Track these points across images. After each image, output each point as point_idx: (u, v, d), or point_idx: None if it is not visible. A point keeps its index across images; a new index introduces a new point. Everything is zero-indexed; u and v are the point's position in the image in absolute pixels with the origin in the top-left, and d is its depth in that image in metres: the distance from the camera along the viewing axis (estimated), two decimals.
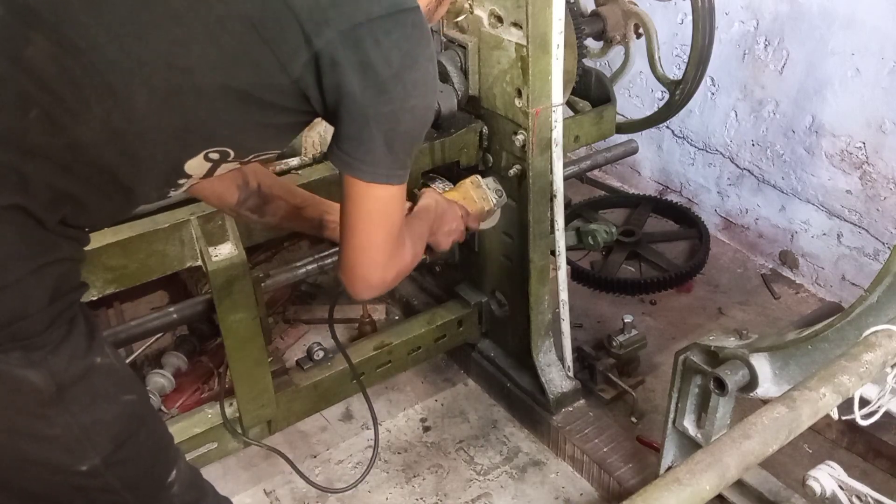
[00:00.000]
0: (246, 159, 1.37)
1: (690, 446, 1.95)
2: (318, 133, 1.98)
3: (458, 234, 1.86)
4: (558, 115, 2.05)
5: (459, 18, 2.06)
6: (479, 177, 2.06)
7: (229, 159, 1.31)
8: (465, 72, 2.11)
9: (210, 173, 1.33)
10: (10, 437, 1.16)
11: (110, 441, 1.23)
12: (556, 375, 2.39)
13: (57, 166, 1.11)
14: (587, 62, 2.39)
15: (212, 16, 1.16)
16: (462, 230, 1.87)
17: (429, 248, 1.78)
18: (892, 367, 1.41)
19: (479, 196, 2.02)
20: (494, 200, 2.05)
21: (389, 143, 1.28)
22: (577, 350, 2.49)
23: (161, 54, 1.14)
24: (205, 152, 1.26)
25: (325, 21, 1.18)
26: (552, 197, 2.17)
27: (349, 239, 1.37)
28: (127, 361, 2.56)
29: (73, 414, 1.18)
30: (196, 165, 1.28)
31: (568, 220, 2.56)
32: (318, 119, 1.33)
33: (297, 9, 1.18)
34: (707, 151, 3.35)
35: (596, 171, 3.69)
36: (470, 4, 2.03)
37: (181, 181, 1.33)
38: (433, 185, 2.13)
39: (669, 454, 2.03)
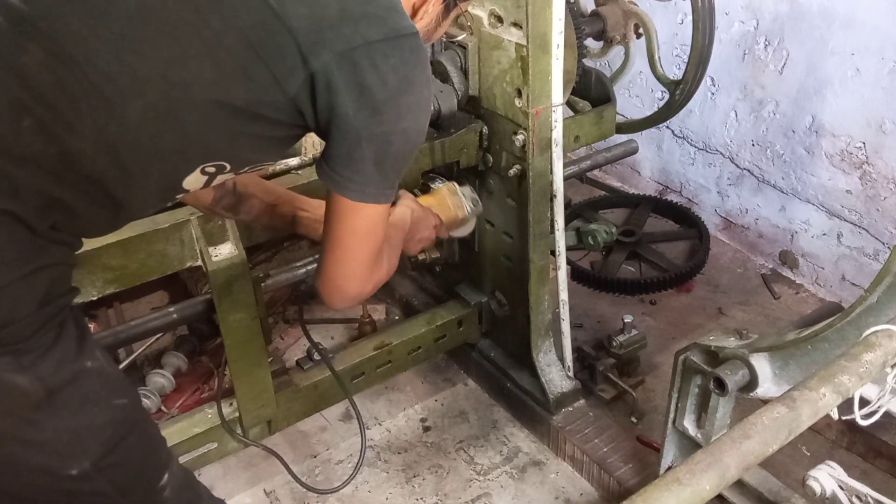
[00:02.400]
0: (242, 171, 1.38)
1: (690, 446, 1.95)
2: None
3: (428, 242, 1.89)
4: (558, 115, 2.05)
5: (460, 38, 2.06)
6: (455, 184, 2.06)
7: (225, 171, 1.31)
8: (465, 72, 2.11)
9: (207, 185, 1.33)
10: (0, 442, 1.16)
11: (100, 445, 1.23)
12: (556, 375, 2.39)
13: (48, 174, 1.11)
14: (587, 62, 2.39)
15: (209, 32, 1.16)
16: (433, 238, 1.90)
17: None
18: (892, 367, 1.40)
19: (455, 204, 2.03)
20: (469, 209, 2.05)
21: (379, 164, 1.29)
22: (577, 350, 2.49)
23: (157, 69, 1.14)
24: (202, 167, 1.26)
25: (322, 43, 1.19)
26: (552, 197, 2.17)
27: (331, 252, 1.38)
28: (127, 361, 2.57)
29: (63, 418, 1.18)
30: (194, 180, 1.28)
31: (568, 220, 2.56)
32: None
33: (295, 29, 1.18)
34: (707, 151, 3.35)
35: (596, 171, 3.69)
36: (470, 25, 2.03)
37: (179, 196, 1.34)
38: (433, 185, 2.13)
39: (669, 454, 2.03)
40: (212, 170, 1.28)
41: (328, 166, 1.30)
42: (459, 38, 2.05)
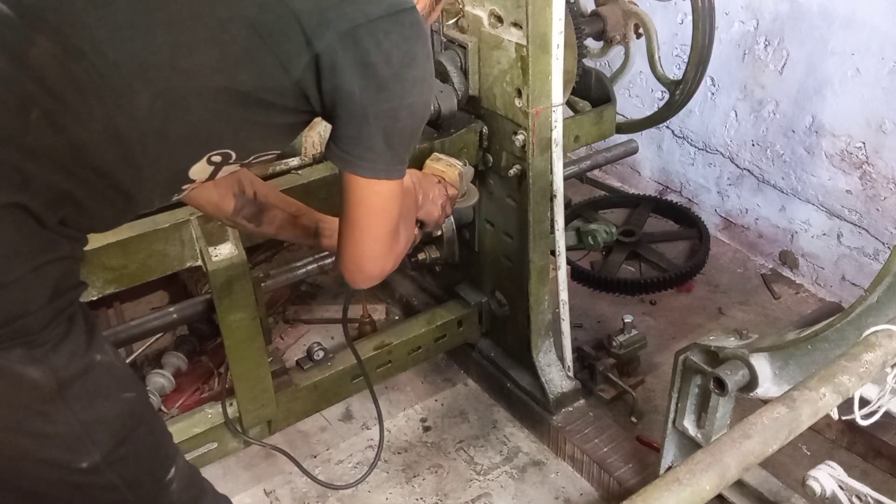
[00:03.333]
0: (247, 161, 1.38)
1: (690, 446, 1.95)
2: (318, 133, 1.98)
3: (445, 200, 1.86)
4: (558, 115, 2.05)
5: (454, 20, 2.06)
6: (434, 153, 2.04)
7: (231, 161, 1.32)
8: (465, 72, 2.11)
9: (212, 177, 1.34)
10: (10, 435, 1.17)
11: (110, 438, 1.23)
12: (556, 375, 2.39)
13: (58, 167, 1.11)
14: (587, 62, 2.39)
15: (214, 19, 1.17)
16: (446, 196, 1.87)
17: (421, 224, 1.80)
18: (892, 367, 1.41)
19: (444, 165, 2.00)
20: (460, 164, 2.03)
21: (388, 140, 1.29)
22: (577, 350, 2.49)
23: (164, 57, 1.15)
24: (208, 156, 1.27)
25: (325, 23, 1.20)
26: (552, 197, 2.17)
27: (350, 233, 1.39)
28: (127, 361, 2.56)
29: (74, 411, 1.18)
30: (200, 170, 1.29)
31: (568, 220, 2.56)
32: (318, 119, 1.34)
33: (298, 11, 1.19)
34: (707, 151, 3.36)
35: (596, 171, 3.69)
36: (462, 8, 2.03)
37: (185, 187, 1.34)
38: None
39: (669, 454, 2.03)
40: (218, 159, 1.29)
41: (337, 147, 1.30)
42: (450, 21, 2.03)
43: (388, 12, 1.23)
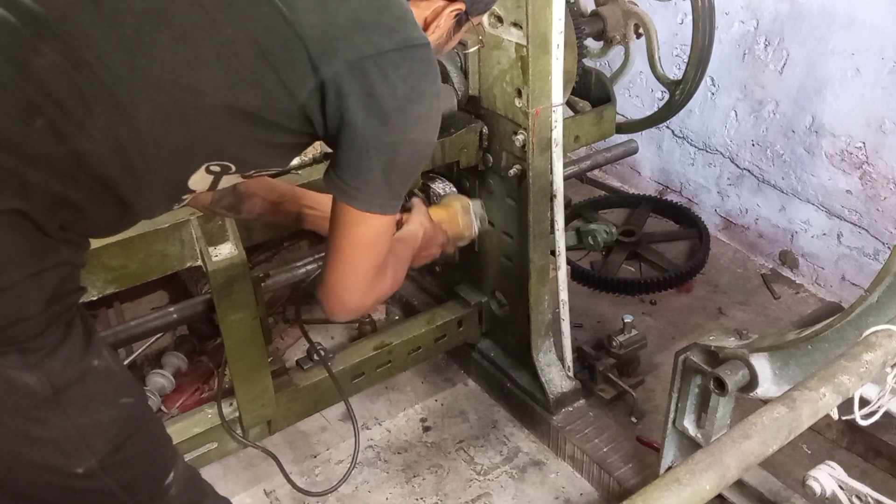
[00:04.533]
0: (247, 174, 1.38)
1: (690, 446, 1.95)
2: None
3: (432, 258, 1.88)
4: (558, 115, 2.05)
5: (471, 49, 2.04)
6: (469, 203, 2.05)
7: (231, 172, 1.32)
8: (465, 72, 2.11)
9: (213, 186, 1.33)
10: (6, 440, 1.17)
11: (107, 443, 1.23)
12: (556, 375, 2.39)
13: (58, 173, 1.12)
14: (587, 62, 2.39)
15: (220, 38, 1.16)
16: (438, 254, 1.89)
17: None
18: (892, 367, 1.40)
19: (465, 223, 2.02)
20: (477, 230, 2.04)
21: (386, 174, 1.28)
22: (577, 350, 2.49)
23: (168, 73, 1.15)
24: (206, 165, 1.27)
25: (333, 51, 1.20)
26: (552, 197, 2.17)
27: (334, 261, 1.38)
28: (127, 361, 2.57)
29: (70, 416, 1.18)
30: (199, 180, 1.29)
31: (568, 220, 2.56)
32: None
33: (306, 37, 1.19)
34: (707, 151, 3.35)
35: (596, 171, 3.69)
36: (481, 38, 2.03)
37: (185, 196, 1.34)
38: (433, 185, 2.13)
39: (669, 454, 2.03)
40: (217, 169, 1.29)
41: (336, 175, 1.30)
42: (471, 49, 2.03)
43: (398, 46, 1.23)
